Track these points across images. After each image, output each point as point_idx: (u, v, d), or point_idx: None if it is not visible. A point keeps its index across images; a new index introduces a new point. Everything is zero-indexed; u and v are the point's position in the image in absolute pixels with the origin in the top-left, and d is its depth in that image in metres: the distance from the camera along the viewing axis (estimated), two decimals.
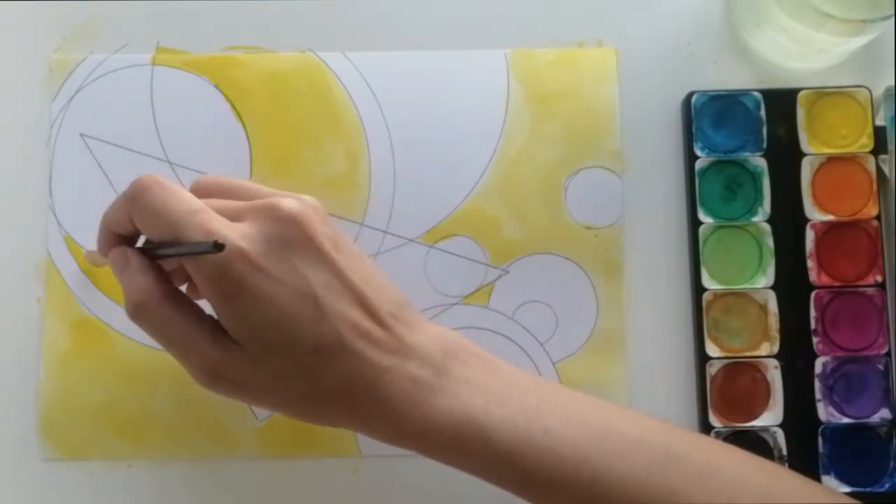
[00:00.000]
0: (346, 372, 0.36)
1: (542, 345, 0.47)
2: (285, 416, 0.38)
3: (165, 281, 0.38)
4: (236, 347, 0.37)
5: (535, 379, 0.40)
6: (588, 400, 0.39)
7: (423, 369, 0.37)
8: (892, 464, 0.45)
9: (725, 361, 0.46)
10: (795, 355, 0.46)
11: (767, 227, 0.47)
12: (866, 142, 0.47)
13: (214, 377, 0.37)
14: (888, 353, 0.46)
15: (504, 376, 0.39)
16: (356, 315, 0.37)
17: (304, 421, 0.38)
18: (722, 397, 0.46)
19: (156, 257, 0.39)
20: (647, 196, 0.48)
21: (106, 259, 0.41)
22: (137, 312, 0.37)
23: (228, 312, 0.36)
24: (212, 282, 0.36)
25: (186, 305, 0.38)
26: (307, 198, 0.38)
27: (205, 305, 0.38)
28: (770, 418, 0.46)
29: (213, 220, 0.36)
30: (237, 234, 0.36)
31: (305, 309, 0.36)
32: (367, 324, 0.37)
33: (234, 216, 0.37)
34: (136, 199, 0.37)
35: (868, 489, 0.45)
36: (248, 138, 0.48)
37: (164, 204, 0.37)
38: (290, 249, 0.36)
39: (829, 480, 0.45)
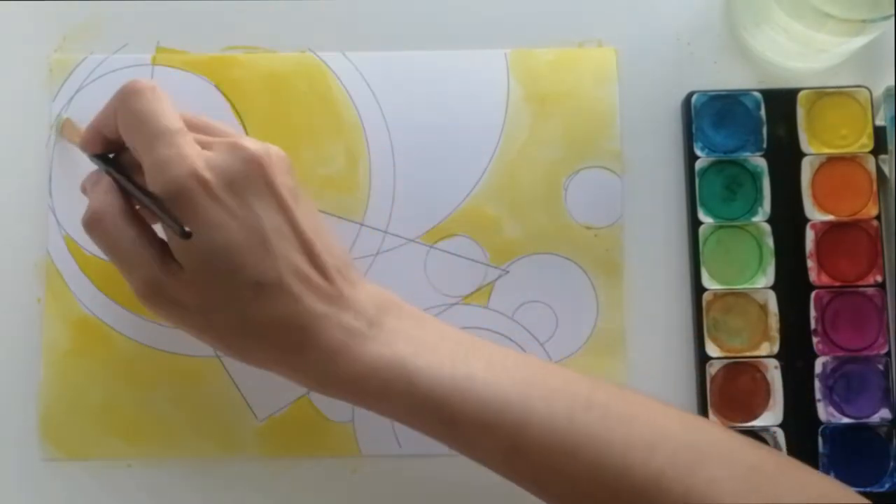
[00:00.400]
0: (281, 312, 0.38)
1: (542, 345, 0.47)
2: (218, 349, 0.40)
3: (128, 202, 0.40)
4: (179, 269, 0.38)
5: (466, 335, 0.41)
6: (516, 354, 0.41)
7: (357, 320, 0.39)
8: (892, 464, 0.45)
9: (725, 361, 0.46)
10: (795, 355, 0.46)
11: (767, 227, 0.47)
12: (866, 142, 0.47)
13: (153, 293, 0.38)
14: (888, 353, 0.46)
15: (435, 330, 0.40)
16: (300, 261, 0.38)
17: (233, 357, 0.40)
18: (722, 397, 0.46)
19: (126, 191, 0.40)
20: (647, 196, 0.48)
21: (75, 139, 0.44)
22: (94, 222, 0.39)
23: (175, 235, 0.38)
24: (167, 199, 0.37)
25: (141, 225, 0.39)
26: (273, 147, 0.40)
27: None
28: (770, 418, 0.46)
29: (188, 145, 0.38)
30: (202, 161, 0.38)
31: (252, 244, 0.38)
32: (309, 271, 0.38)
33: (204, 146, 0.39)
34: (127, 100, 0.39)
35: (868, 489, 0.45)
36: None
37: (151, 113, 0.38)
38: (249, 188, 0.38)
39: None
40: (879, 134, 0.47)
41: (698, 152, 0.47)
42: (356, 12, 0.49)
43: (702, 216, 0.47)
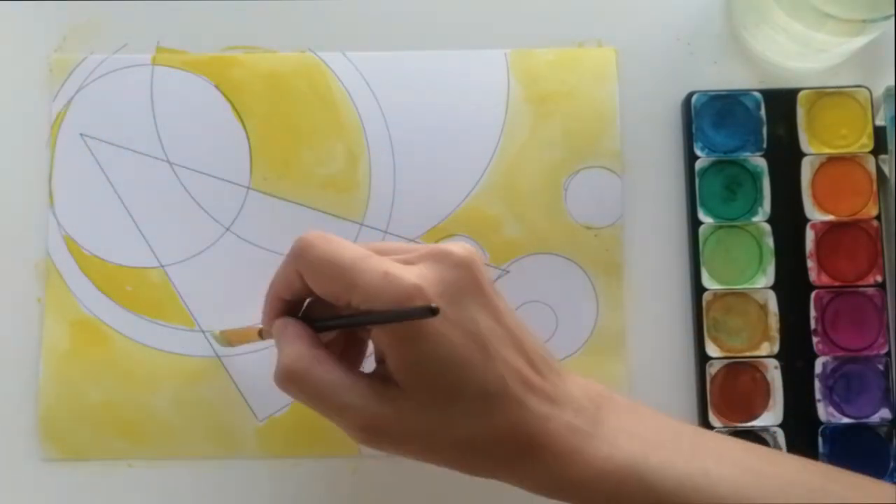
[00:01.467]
0: (510, 420, 0.36)
1: None
2: (442, 466, 0.37)
3: (319, 346, 0.37)
4: (399, 396, 0.36)
5: (679, 423, 0.40)
6: (735, 441, 0.39)
7: (579, 418, 0.37)
8: (892, 464, 0.45)
9: (725, 361, 0.46)
10: (795, 355, 0.46)
11: (767, 227, 0.47)
12: (866, 142, 0.47)
13: (373, 433, 0.36)
14: (888, 353, 0.46)
15: (652, 422, 0.39)
16: (518, 362, 0.37)
17: (456, 470, 0.37)
18: (722, 397, 0.46)
19: (343, 326, 0.39)
20: (647, 196, 0.48)
21: (250, 337, 0.43)
22: (289, 379, 0.36)
23: (401, 354, 0.36)
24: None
25: (339, 366, 0.37)
26: (471, 245, 0.38)
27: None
28: (770, 418, 0.46)
29: (386, 262, 0.36)
30: (414, 275, 0.35)
31: (475, 353, 0.36)
32: (528, 371, 0.37)
33: (404, 263, 0.37)
34: (303, 255, 0.37)
35: None
36: (248, 138, 0.48)
37: (333, 253, 0.36)
38: (462, 293, 0.36)
39: None
40: (879, 134, 0.47)
41: (698, 152, 0.47)
42: (356, 12, 0.49)
43: (702, 216, 0.47)
